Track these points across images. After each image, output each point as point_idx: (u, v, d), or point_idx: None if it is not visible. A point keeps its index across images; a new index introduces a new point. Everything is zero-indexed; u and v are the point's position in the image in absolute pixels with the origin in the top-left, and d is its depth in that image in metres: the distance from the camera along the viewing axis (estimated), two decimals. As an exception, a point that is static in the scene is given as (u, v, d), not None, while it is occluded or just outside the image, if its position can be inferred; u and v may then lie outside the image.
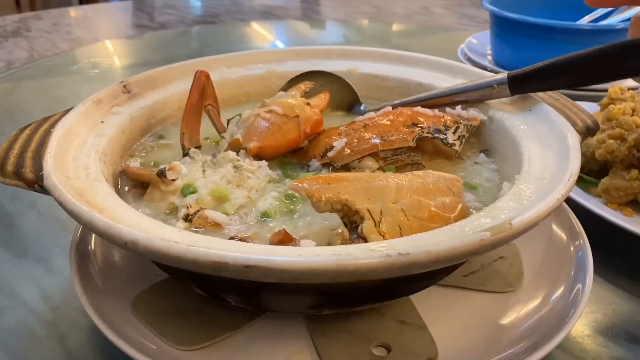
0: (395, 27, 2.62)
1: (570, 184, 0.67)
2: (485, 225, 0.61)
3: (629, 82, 1.58)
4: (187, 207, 0.71)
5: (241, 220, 0.72)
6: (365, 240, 0.62)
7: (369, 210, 0.64)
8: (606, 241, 0.88)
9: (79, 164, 0.74)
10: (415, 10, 2.88)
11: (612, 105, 1.11)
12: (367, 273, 0.54)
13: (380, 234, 0.62)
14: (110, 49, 2.20)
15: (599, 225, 0.93)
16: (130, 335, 0.70)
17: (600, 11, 1.65)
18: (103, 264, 0.83)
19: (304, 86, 0.96)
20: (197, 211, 0.71)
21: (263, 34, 2.54)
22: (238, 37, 2.45)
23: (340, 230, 0.65)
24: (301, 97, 0.91)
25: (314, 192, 0.65)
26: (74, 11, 2.83)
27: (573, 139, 0.77)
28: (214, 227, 0.70)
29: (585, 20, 1.66)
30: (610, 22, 1.61)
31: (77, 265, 0.79)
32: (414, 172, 0.75)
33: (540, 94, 0.91)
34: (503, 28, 1.69)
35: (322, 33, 2.61)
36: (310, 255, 0.54)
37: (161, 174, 0.74)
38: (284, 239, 0.64)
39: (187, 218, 0.70)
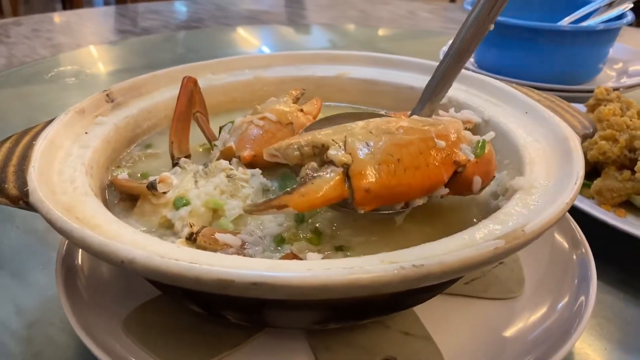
0: (380, 31, 2.60)
1: (578, 188, 0.65)
2: (496, 232, 0.59)
3: (611, 83, 1.59)
4: (190, 226, 0.67)
5: (253, 239, 0.68)
6: (333, 162, 0.60)
7: (333, 140, 0.62)
8: (601, 243, 0.87)
9: (65, 178, 0.70)
10: (401, 15, 2.87)
11: (602, 107, 1.11)
12: (381, 287, 0.51)
13: (346, 153, 0.60)
14: (92, 55, 2.14)
15: (593, 227, 0.92)
16: (123, 355, 0.66)
17: (581, 12, 1.66)
18: (91, 280, 0.79)
19: (295, 92, 0.93)
20: (200, 229, 0.67)
21: (248, 39, 2.50)
22: (223, 42, 2.41)
23: (309, 164, 0.62)
24: (293, 103, 0.88)
25: (282, 144, 0.64)
26: (55, 17, 2.73)
27: (574, 141, 0.76)
28: (223, 248, 0.66)
29: (565, 22, 1.67)
30: (591, 24, 1.62)
31: (64, 282, 0.75)
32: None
33: (535, 95, 0.90)
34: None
35: (307, 38, 2.59)
36: (321, 269, 0.51)
37: (151, 187, 0.70)
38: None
39: (191, 237, 0.66)
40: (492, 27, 0.75)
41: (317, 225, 0.72)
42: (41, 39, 2.30)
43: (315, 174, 0.60)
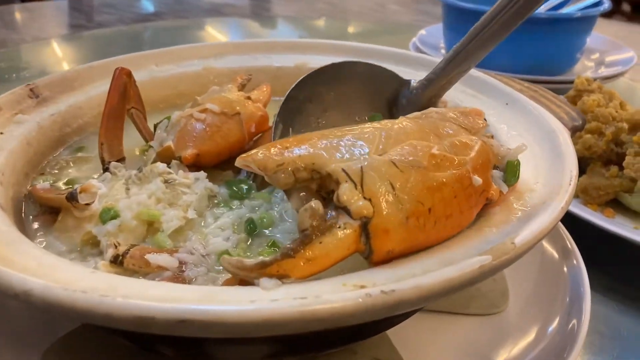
0: (349, 24, 2.49)
1: (572, 189, 0.56)
2: (481, 246, 0.49)
3: (589, 74, 1.52)
4: (115, 246, 0.56)
5: (195, 258, 0.57)
6: (347, 210, 0.46)
7: (344, 170, 0.47)
8: (588, 245, 0.78)
9: (-36, 188, 0.59)
10: (369, 7, 2.77)
11: (585, 97, 1.02)
12: (341, 319, 0.42)
13: (365, 198, 0.46)
14: (39, 50, 1.97)
15: (579, 228, 0.83)
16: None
17: (556, 0, 1.58)
18: (3, 309, 0.67)
19: (240, 78, 0.82)
20: (128, 250, 0.56)
21: (211, 33, 2.36)
22: (183, 36, 2.26)
23: (311, 205, 0.46)
24: (239, 90, 0.77)
25: (268, 161, 0.48)
26: (2, 10, 2.53)
27: (563, 134, 0.67)
28: (156, 271, 0.55)
29: (541, 9, 1.59)
30: (568, 11, 1.54)
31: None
32: (408, 115, 0.58)
33: (517, 85, 0.81)
34: (457, 19, 1.60)
35: (273, 32, 2.45)
36: (266, 301, 0.41)
37: (71, 198, 0.59)
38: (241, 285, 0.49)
39: (117, 260, 0.55)
40: None
41: (275, 237, 0.62)
42: (-17, 34, 2.14)
43: (322, 225, 0.46)
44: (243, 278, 0.46)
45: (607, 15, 1.75)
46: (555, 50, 1.49)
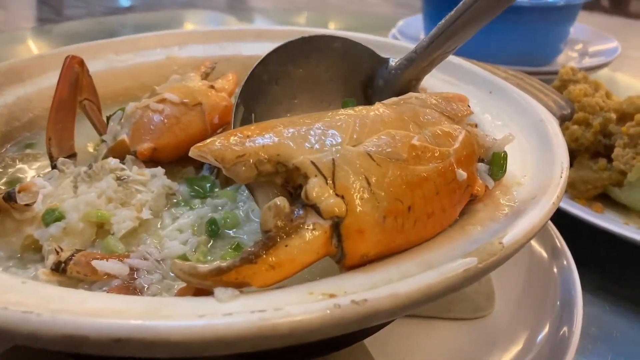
0: (329, 18, 2.44)
1: (564, 182, 0.52)
2: (465, 247, 0.44)
3: (573, 64, 1.48)
4: (57, 252, 0.50)
5: (148, 264, 0.51)
6: (316, 208, 0.41)
7: (313, 163, 0.42)
8: (576, 242, 0.73)
9: None
10: (348, 0, 2.72)
11: (572, 87, 0.98)
12: (306, 335, 0.36)
13: (337, 195, 0.41)
14: (3, 44, 1.89)
15: (567, 223, 0.79)
16: None
17: (539, -12, 1.54)
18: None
19: (203, 67, 0.76)
20: (71, 255, 0.49)
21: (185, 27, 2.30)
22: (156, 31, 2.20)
23: (275, 203, 0.41)
24: (202, 79, 0.72)
25: (226, 151, 0.43)
26: None
27: (552, 123, 0.62)
28: (104, 280, 0.49)
29: (524, -2, 1.55)
30: (552, 0, 1.50)
31: None
32: (385, 101, 0.53)
33: (501, 73, 0.77)
34: (437, 8, 1.55)
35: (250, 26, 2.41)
36: (218, 315, 0.35)
37: (9, 198, 0.53)
38: (196, 294, 0.43)
39: (60, 267, 0.49)
40: None
41: (240, 238, 0.57)
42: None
43: (288, 225, 0.40)
44: (197, 286, 0.41)
45: (588, 8, 1.71)
46: (539, 39, 1.45)
